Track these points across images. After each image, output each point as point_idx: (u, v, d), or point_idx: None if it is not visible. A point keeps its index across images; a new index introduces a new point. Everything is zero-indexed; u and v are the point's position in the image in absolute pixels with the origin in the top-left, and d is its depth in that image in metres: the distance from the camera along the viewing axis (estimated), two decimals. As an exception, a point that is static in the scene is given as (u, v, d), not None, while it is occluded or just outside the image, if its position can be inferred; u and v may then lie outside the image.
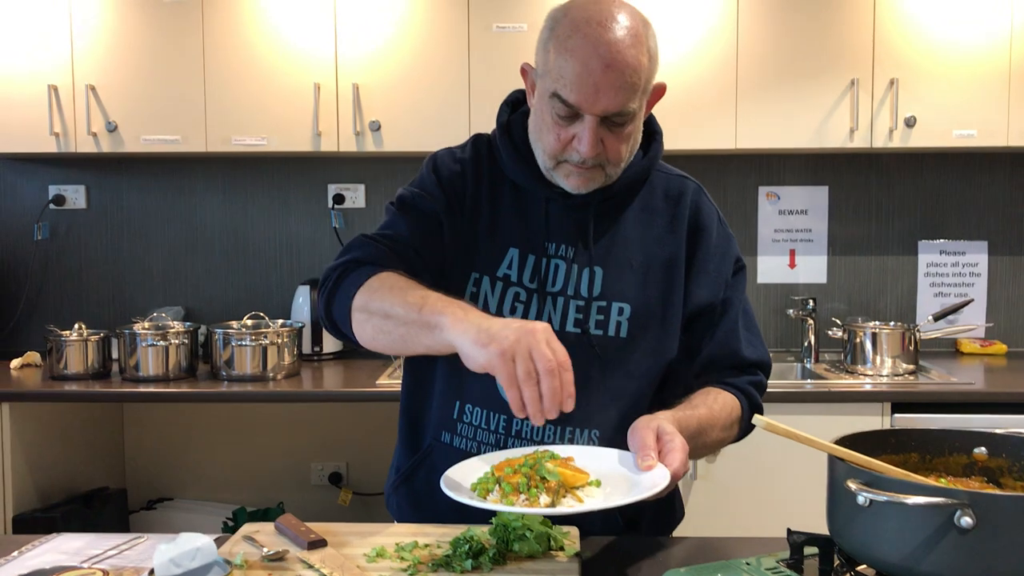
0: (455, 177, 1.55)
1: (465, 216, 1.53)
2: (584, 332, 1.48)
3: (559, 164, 1.45)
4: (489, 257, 1.52)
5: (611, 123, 1.40)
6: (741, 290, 1.59)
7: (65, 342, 2.99)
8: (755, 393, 1.56)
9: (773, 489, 2.80)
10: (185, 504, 3.50)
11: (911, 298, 3.46)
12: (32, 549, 1.41)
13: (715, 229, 1.57)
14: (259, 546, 1.34)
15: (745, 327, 1.58)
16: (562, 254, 1.51)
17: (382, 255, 1.47)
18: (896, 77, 3.00)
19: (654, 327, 1.51)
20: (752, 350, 1.57)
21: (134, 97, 3.10)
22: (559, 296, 1.50)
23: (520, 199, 1.54)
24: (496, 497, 1.23)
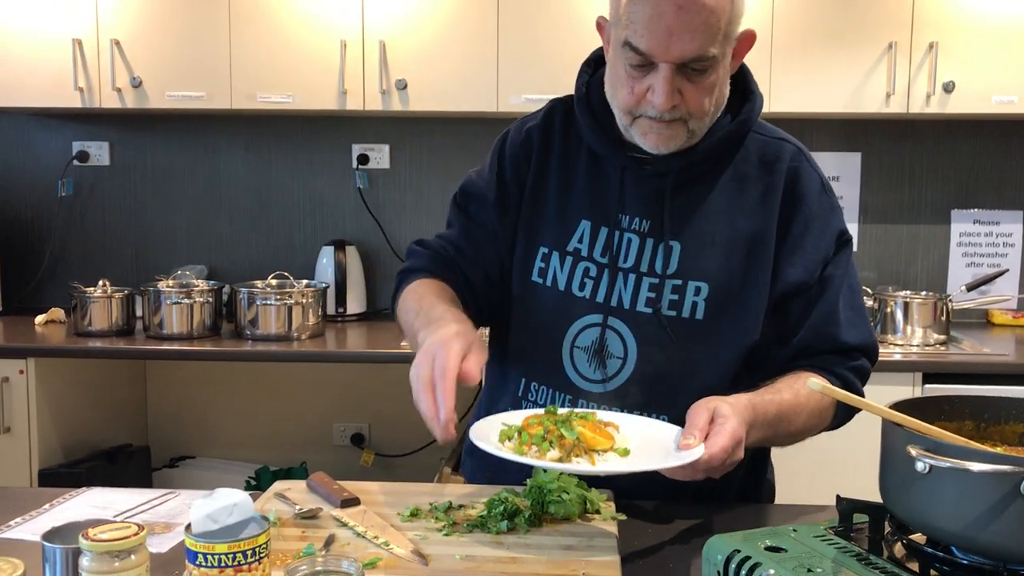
0: (517, 156, 1.49)
1: (529, 193, 1.48)
2: (656, 312, 1.39)
3: (635, 120, 1.34)
4: (559, 230, 1.45)
5: (689, 71, 1.28)
6: (844, 266, 1.43)
7: (89, 299, 2.98)
8: (854, 379, 1.42)
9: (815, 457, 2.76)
10: (207, 462, 3.51)
11: (943, 268, 3.41)
12: (64, 502, 1.40)
13: (815, 198, 1.41)
14: (292, 504, 1.32)
15: (849, 307, 1.42)
16: (636, 227, 1.42)
17: (427, 264, 1.52)
18: (935, 41, 2.93)
19: (735, 309, 1.39)
20: (854, 333, 1.42)
21: (159, 53, 3.07)
22: (631, 273, 1.41)
23: (596, 168, 1.45)
24: (512, 445, 1.22)
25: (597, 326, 1.42)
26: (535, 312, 1.47)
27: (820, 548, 0.98)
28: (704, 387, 1.34)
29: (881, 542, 0.99)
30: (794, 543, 0.99)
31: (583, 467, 1.19)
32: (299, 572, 0.93)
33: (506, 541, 1.20)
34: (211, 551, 0.95)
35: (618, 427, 1.29)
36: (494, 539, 1.21)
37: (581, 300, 1.43)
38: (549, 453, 1.20)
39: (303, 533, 1.22)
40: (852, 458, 2.64)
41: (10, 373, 2.81)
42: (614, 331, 1.41)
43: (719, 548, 0.99)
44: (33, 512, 1.35)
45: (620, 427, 1.29)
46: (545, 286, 1.45)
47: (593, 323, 1.42)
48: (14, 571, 0.97)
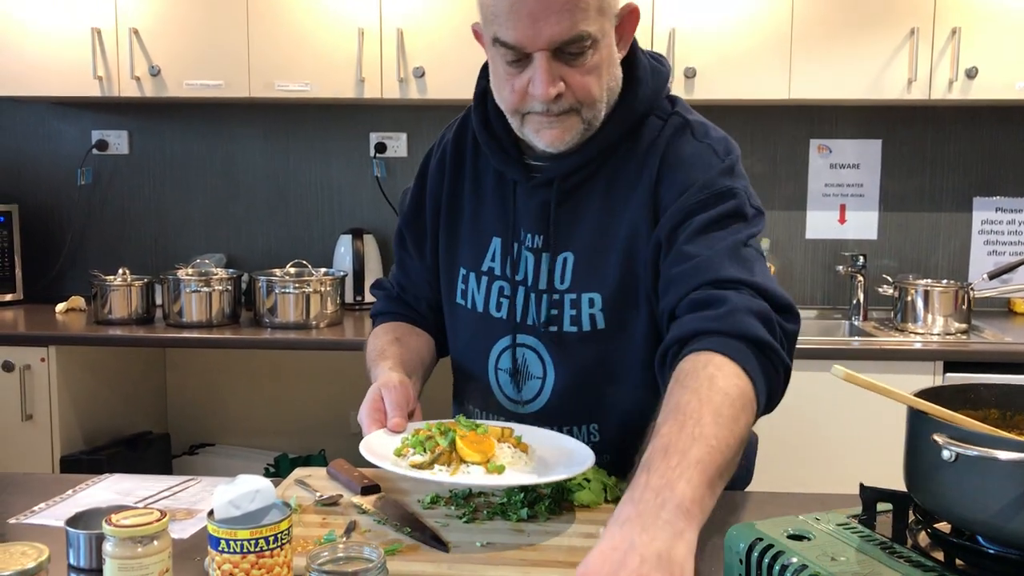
0: (435, 175, 1.47)
1: (446, 212, 1.45)
2: (556, 331, 1.34)
3: (525, 118, 1.26)
4: (474, 249, 1.41)
5: (567, 56, 1.19)
6: (734, 228, 1.23)
7: (109, 287, 3.00)
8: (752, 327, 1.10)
9: (836, 446, 2.75)
10: (226, 450, 3.53)
11: (964, 256, 3.37)
12: (86, 488, 1.41)
13: (695, 164, 1.27)
14: (312, 490, 1.33)
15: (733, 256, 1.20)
16: (530, 244, 1.36)
17: (385, 307, 1.57)
18: (958, 26, 2.90)
19: (633, 310, 1.31)
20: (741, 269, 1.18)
21: (177, 41, 3.07)
22: (531, 291, 1.36)
23: (500, 181, 1.38)
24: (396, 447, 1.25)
25: (510, 347, 1.40)
26: (462, 335, 1.47)
27: (844, 536, 0.97)
28: (626, 390, 1.35)
29: (905, 531, 0.98)
30: (817, 532, 0.98)
31: (437, 476, 1.18)
32: (321, 558, 0.94)
33: (527, 528, 1.20)
34: (233, 537, 0.95)
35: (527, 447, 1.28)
36: (514, 526, 1.21)
37: (499, 321, 1.40)
38: (413, 457, 1.21)
39: (324, 520, 1.23)
40: (874, 447, 2.63)
41: (32, 361, 2.83)
42: (531, 350, 1.39)
43: (741, 536, 0.99)
44: (56, 498, 1.36)
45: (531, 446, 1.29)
46: (467, 308, 1.44)
47: (507, 345, 1.40)
48: (39, 556, 0.97)
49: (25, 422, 2.84)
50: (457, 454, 1.22)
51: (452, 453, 1.22)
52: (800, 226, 3.40)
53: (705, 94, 2.98)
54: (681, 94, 2.97)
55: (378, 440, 1.26)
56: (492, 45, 1.24)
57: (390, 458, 1.21)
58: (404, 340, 1.48)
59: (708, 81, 2.98)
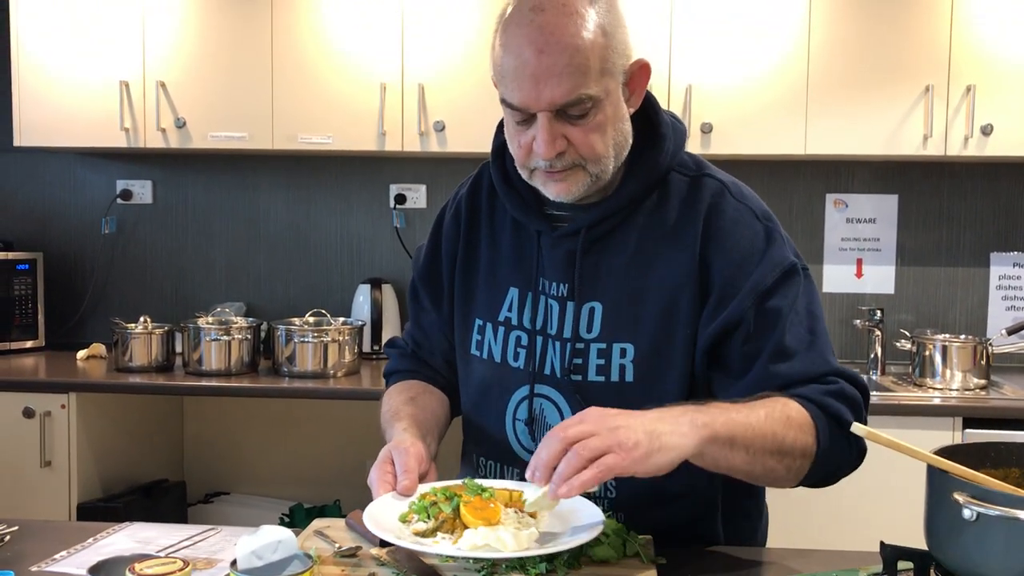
0: (449, 231, 1.50)
1: (460, 265, 1.47)
2: (581, 380, 1.34)
3: (532, 173, 1.31)
4: (490, 300, 1.43)
5: (570, 116, 1.23)
6: (792, 296, 1.30)
7: (130, 335, 3.03)
8: (832, 403, 1.27)
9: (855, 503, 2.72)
10: (242, 498, 3.52)
11: (982, 311, 3.37)
12: (106, 536, 1.42)
13: (744, 232, 1.31)
14: (331, 542, 1.33)
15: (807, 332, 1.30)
16: (554, 292, 1.37)
17: (398, 365, 1.59)
18: (973, 84, 2.93)
19: (664, 366, 1.32)
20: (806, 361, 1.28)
21: (203, 94, 3.14)
22: (555, 340, 1.36)
23: (519, 231, 1.41)
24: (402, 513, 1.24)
25: (527, 398, 1.40)
26: (477, 386, 1.47)
27: (864, 595, 0.97)
28: None
29: (926, 590, 0.98)
30: (838, 590, 0.98)
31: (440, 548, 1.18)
32: (342, 610, 0.94)
33: (545, 583, 1.20)
34: (256, 588, 0.96)
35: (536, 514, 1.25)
36: (533, 581, 1.20)
37: (516, 371, 1.41)
38: (415, 524, 1.21)
39: (343, 571, 1.23)
40: (893, 503, 2.61)
41: (52, 407, 2.85)
42: (549, 400, 1.38)
43: (762, 594, 0.99)
44: (77, 546, 1.37)
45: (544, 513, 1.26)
46: (482, 359, 1.45)
47: (526, 395, 1.40)
48: (63, 604, 0.98)
49: (44, 468, 2.86)
50: (461, 521, 1.21)
51: (456, 520, 1.21)
52: (817, 280, 3.38)
53: (722, 149, 3.02)
54: (697, 150, 3.01)
55: (384, 506, 1.26)
56: (502, 105, 1.29)
57: (394, 528, 1.21)
58: (419, 400, 1.49)
59: (725, 136, 3.01)
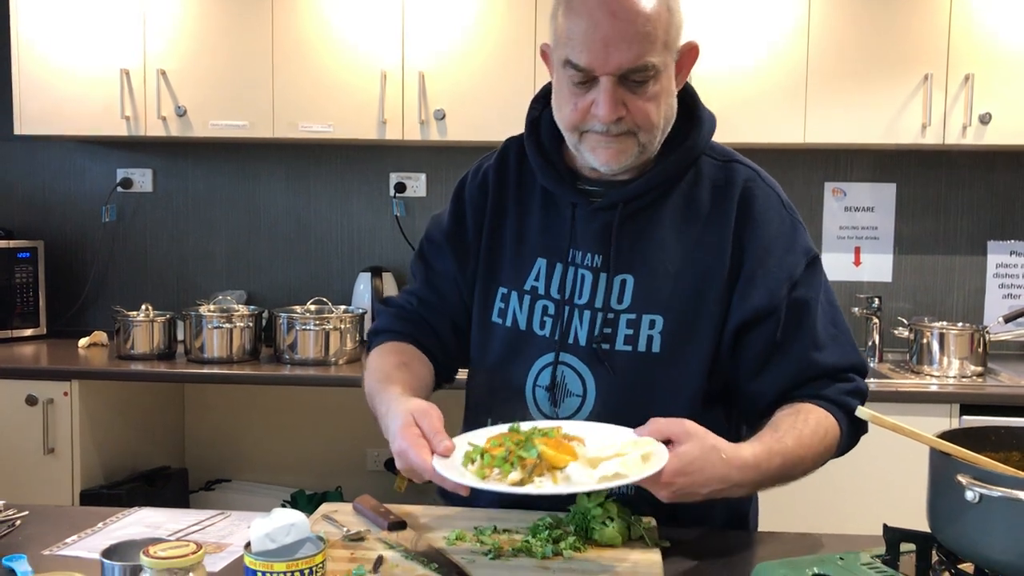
0: (476, 199, 1.50)
1: (487, 234, 1.48)
2: (608, 349, 1.37)
3: (583, 136, 1.33)
4: (516, 269, 1.45)
5: (631, 83, 1.28)
6: (818, 286, 1.38)
7: (132, 323, 3.04)
8: (853, 403, 1.34)
9: (859, 487, 2.74)
10: (243, 486, 3.54)
11: (979, 299, 3.39)
12: (116, 521, 1.43)
13: (774, 218, 1.38)
14: (339, 526, 1.35)
15: (831, 324, 1.38)
16: (588, 263, 1.41)
17: (391, 324, 1.55)
18: (971, 73, 2.94)
19: (692, 341, 1.37)
20: (839, 353, 1.37)
21: (204, 82, 3.14)
22: (586, 309, 1.40)
23: (549, 204, 1.45)
24: (474, 469, 1.18)
25: (551, 364, 1.42)
26: (496, 353, 1.48)
27: (867, 576, 0.98)
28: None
29: (928, 571, 1.00)
30: (841, 572, 1.00)
31: (544, 488, 1.14)
32: (355, 591, 0.96)
33: (551, 566, 1.21)
34: (270, 570, 0.97)
35: (583, 440, 1.23)
36: (539, 564, 1.22)
37: (541, 339, 1.42)
38: (511, 475, 1.16)
39: (352, 555, 1.25)
40: (896, 486, 2.63)
41: (55, 395, 2.87)
42: (571, 368, 1.41)
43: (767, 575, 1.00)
44: (88, 530, 1.38)
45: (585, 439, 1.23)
46: (505, 326, 1.46)
47: (549, 362, 1.42)
48: (80, 586, 1.00)
49: (47, 455, 2.87)
50: (547, 462, 1.16)
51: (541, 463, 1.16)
52: (815, 268, 3.42)
53: (720, 137, 2.97)
54: (698, 137, 3.02)
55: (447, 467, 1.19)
56: (562, 66, 1.31)
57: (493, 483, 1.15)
58: (411, 366, 1.47)
59: (723, 125, 2.94)
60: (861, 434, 1.41)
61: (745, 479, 1.21)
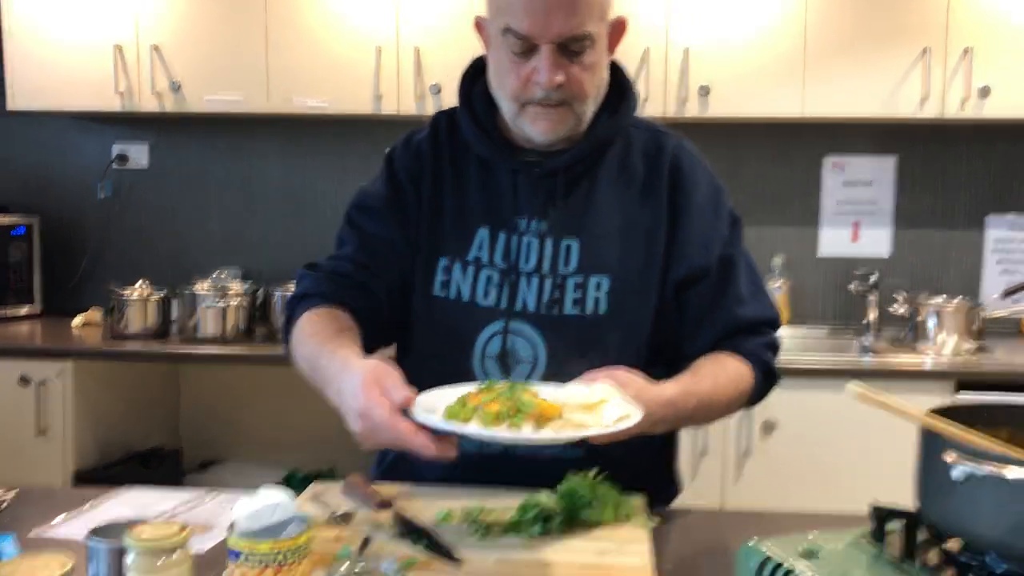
0: (411, 168, 1.49)
1: (427, 205, 1.47)
2: (558, 313, 1.41)
3: (523, 107, 1.37)
4: (458, 241, 1.45)
5: (570, 52, 1.33)
6: (739, 245, 1.49)
7: (127, 301, 3.03)
8: (767, 355, 1.46)
9: (846, 464, 2.74)
10: (237, 466, 3.53)
11: (976, 274, 3.37)
12: (104, 502, 1.43)
13: (702, 182, 1.48)
14: (327, 506, 1.34)
15: (751, 283, 1.49)
16: (533, 229, 1.44)
17: (319, 287, 1.47)
18: (970, 46, 2.91)
19: (636, 300, 1.43)
20: (759, 308, 1.48)
21: (198, 57, 3.11)
22: (533, 275, 1.43)
23: (487, 174, 1.46)
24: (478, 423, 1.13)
25: (500, 333, 1.43)
26: (441, 325, 1.46)
27: (854, 555, 0.98)
28: None
29: (915, 549, 0.99)
30: (828, 550, 0.99)
31: (564, 435, 1.13)
32: (339, 573, 0.95)
33: (540, 545, 1.21)
34: (253, 550, 0.97)
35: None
36: (528, 543, 1.22)
37: (486, 309, 1.43)
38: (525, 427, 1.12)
39: (339, 535, 1.24)
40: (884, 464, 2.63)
41: (48, 375, 2.86)
42: (520, 335, 1.42)
43: (752, 554, 1.00)
44: (75, 511, 1.38)
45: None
46: (448, 299, 1.45)
47: (498, 330, 1.43)
48: (63, 567, 0.99)
49: (39, 436, 2.87)
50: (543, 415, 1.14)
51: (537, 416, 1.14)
52: (813, 243, 3.41)
53: (719, 112, 3.00)
54: (695, 112, 3.01)
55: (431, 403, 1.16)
56: (501, 35, 1.35)
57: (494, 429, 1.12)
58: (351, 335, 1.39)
59: (722, 99, 3.00)
60: (772, 386, 1.49)
61: (666, 416, 1.28)
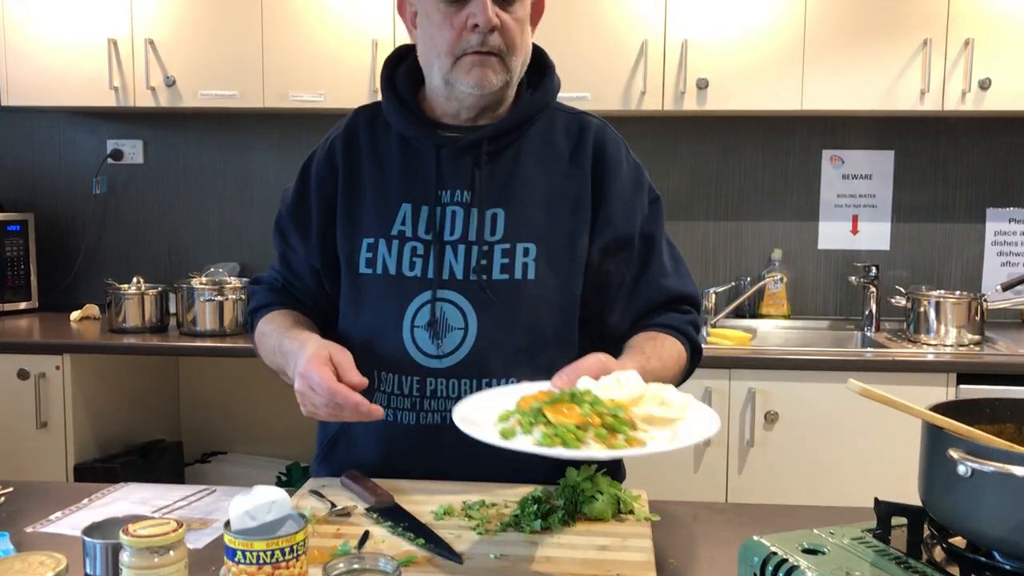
0: (323, 169, 1.54)
1: (342, 197, 1.51)
2: (486, 280, 1.43)
3: (458, 61, 1.40)
4: (380, 218, 1.48)
5: (501, 2, 1.38)
6: (661, 224, 1.54)
7: (124, 296, 3.02)
8: (694, 333, 1.52)
9: (850, 460, 2.74)
10: (238, 458, 3.54)
11: (977, 267, 3.37)
12: (102, 497, 1.42)
13: (624, 160, 1.52)
14: (326, 501, 1.33)
15: (672, 260, 1.54)
16: (458, 200, 1.46)
17: (267, 299, 1.60)
18: (971, 38, 2.90)
19: (563, 265, 1.46)
20: (682, 282, 1.54)
21: (192, 52, 3.09)
22: (459, 244, 1.45)
23: (408, 153, 1.49)
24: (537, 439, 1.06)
25: (429, 302, 1.44)
26: (370, 302, 1.49)
27: (858, 551, 0.97)
28: (549, 344, 1.44)
29: (920, 546, 0.98)
30: (832, 546, 0.98)
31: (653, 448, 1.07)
32: (337, 570, 0.94)
33: (540, 540, 1.20)
34: (249, 548, 0.96)
35: None
36: (528, 538, 1.21)
37: (413, 280, 1.45)
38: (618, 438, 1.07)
39: (338, 531, 1.23)
40: (888, 459, 2.63)
41: (47, 369, 2.85)
42: (450, 303, 1.44)
43: (755, 550, 0.99)
44: (72, 507, 1.37)
45: None
46: (375, 275, 1.48)
47: (426, 300, 1.44)
48: (57, 565, 0.98)
49: (40, 430, 2.86)
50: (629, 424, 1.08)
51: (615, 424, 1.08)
52: (812, 237, 3.40)
53: (717, 105, 2.99)
54: (693, 106, 2.99)
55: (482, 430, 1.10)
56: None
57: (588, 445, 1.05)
58: (306, 323, 1.53)
59: (720, 92, 2.99)
60: (698, 363, 1.54)
61: None
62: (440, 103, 1.47)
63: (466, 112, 1.46)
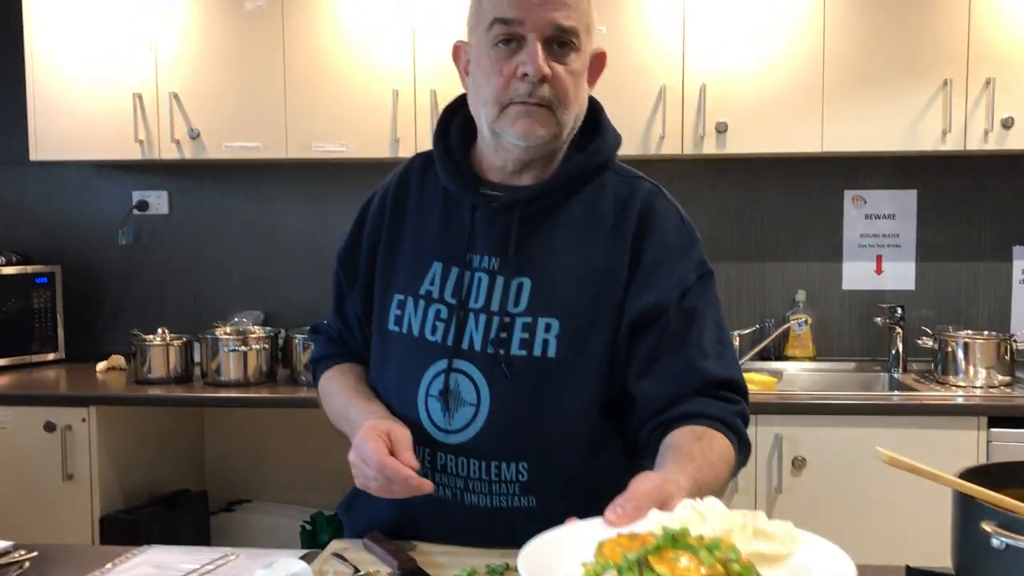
0: (375, 216, 1.51)
1: (384, 247, 1.48)
2: (504, 354, 1.35)
3: (504, 110, 1.34)
4: (412, 275, 1.44)
5: (555, 50, 1.32)
6: (708, 300, 1.40)
7: (149, 347, 3.04)
8: (743, 428, 1.36)
9: (881, 520, 2.68)
10: (263, 507, 3.53)
11: (1005, 306, 3.32)
12: (125, 561, 1.41)
13: (671, 230, 1.40)
14: (349, 565, 1.32)
15: (716, 341, 1.38)
16: (485, 266, 1.40)
17: (327, 351, 1.62)
18: (992, 77, 2.89)
19: (587, 345, 1.35)
20: (723, 367, 1.37)
21: (216, 105, 3.14)
22: (481, 313, 1.38)
23: (449, 209, 1.44)
24: None
25: (445, 371, 1.39)
26: (393, 362, 1.46)
27: (890, 622, 0.95)
28: (564, 431, 1.35)
29: (953, 615, 0.96)
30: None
31: None
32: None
33: (565, 606, 1.18)
34: (272, 624, 0.95)
35: None
36: (552, 604, 1.19)
37: (433, 345, 1.40)
38: None
39: (361, 597, 1.22)
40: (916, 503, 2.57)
41: (73, 421, 2.87)
42: (464, 375, 1.38)
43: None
44: (96, 572, 1.36)
45: None
46: (401, 334, 1.44)
47: (442, 369, 1.39)
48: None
49: (66, 482, 2.87)
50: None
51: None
52: (836, 277, 3.38)
53: (737, 148, 2.99)
54: (712, 149, 2.99)
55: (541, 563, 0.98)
56: (487, 32, 1.34)
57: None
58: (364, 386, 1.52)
59: (740, 135, 2.99)
60: (747, 456, 1.39)
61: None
62: (488, 155, 1.42)
63: (512, 165, 1.40)
